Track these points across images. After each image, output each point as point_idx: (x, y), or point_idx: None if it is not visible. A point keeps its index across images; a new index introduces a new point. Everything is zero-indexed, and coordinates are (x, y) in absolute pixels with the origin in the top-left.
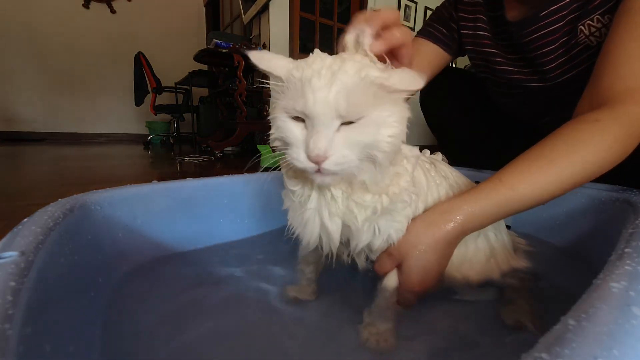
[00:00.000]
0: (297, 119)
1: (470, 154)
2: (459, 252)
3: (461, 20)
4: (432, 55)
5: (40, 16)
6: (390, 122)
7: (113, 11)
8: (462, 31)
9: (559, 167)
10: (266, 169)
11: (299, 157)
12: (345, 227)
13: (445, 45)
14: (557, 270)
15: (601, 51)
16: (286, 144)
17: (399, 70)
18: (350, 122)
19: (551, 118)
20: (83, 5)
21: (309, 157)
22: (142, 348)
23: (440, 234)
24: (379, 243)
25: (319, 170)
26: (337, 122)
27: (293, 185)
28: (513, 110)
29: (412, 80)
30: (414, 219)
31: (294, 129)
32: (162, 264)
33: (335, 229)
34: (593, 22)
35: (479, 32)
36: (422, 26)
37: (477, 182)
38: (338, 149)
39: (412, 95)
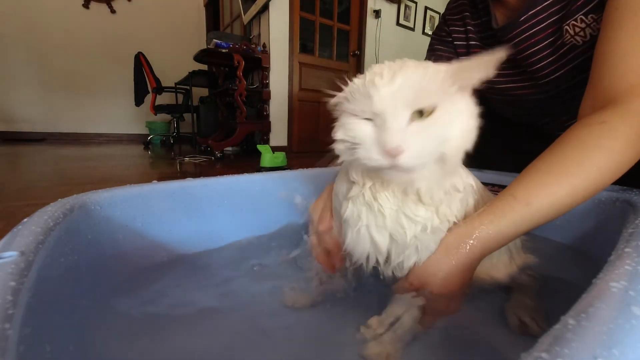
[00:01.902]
0: (366, 121)
1: (473, 156)
2: (486, 257)
3: (454, 33)
4: None
5: (40, 16)
6: (462, 114)
7: (113, 11)
8: (455, 42)
9: (573, 176)
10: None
11: (371, 154)
12: (392, 240)
13: (454, 59)
14: (557, 270)
15: (595, 52)
16: (355, 144)
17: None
18: (422, 118)
19: (551, 119)
20: (83, 5)
21: (385, 151)
22: (142, 348)
23: (459, 260)
24: (414, 259)
25: (393, 166)
26: (407, 113)
27: (344, 207)
28: (512, 115)
29: (488, 59)
30: None
31: (365, 127)
32: (162, 264)
33: (383, 242)
34: (577, 22)
35: (471, 43)
36: (426, 54)
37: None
38: (413, 141)
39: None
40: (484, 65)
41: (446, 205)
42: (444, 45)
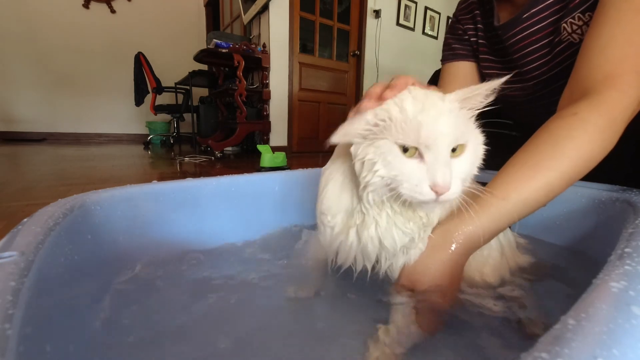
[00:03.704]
0: (408, 155)
1: None
2: (476, 254)
3: (468, 31)
4: (467, 71)
5: (40, 16)
6: (478, 144)
7: (113, 11)
8: (472, 39)
9: (546, 169)
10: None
11: (422, 190)
12: (381, 248)
13: (471, 57)
14: (557, 270)
15: (580, 48)
16: (399, 180)
17: (462, 90)
18: (456, 155)
19: (547, 117)
20: (83, 5)
21: (435, 189)
22: (142, 348)
23: (445, 257)
24: (402, 261)
25: (435, 201)
26: (450, 150)
27: (332, 216)
28: (511, 113)
29: (495, 83)
30: None
31: (411, 165)
32: (162, 263)
33: (373, 251)
34: (575, 20)
35: (480, 41)
36: (443, 54)
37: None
38: (455, 179)
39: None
40: (488, 92)
41: (432, 218)
42: (461, 44)
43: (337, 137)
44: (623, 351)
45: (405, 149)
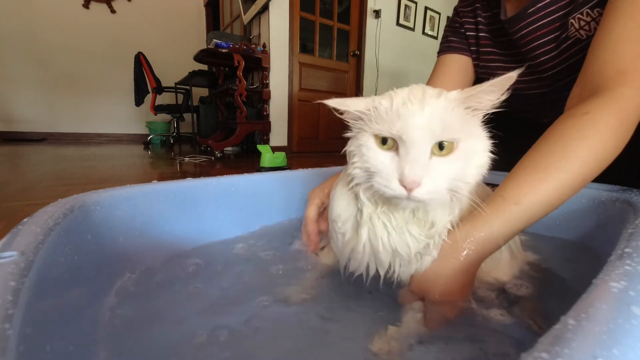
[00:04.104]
0: (385, 147)
1: None
2: (489, 257)
3: (466, 24)
4: (461, 65)
5: (40, 16)
6: (479, 150)
7: (113, 11)
8: (467, 33)
9: (558, 171)
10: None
11: (390, 184)
12: (394, 255)
13: (467, 51)
14: (557, 270)
15: (591, 44)
16: (372, 172)
17: (477, 86)
18: (442, 154)
19: (552, 113)
20: (83, 5)
21: (403, 183)
22: (142, 347)
23: (457, 265)
24: (414, 268)
25: (408, 197)
26: (429, 145)
27: (342, 223)
28: (515, 110)
29: (503, 79)
30: None
31: (383, 158)
32: (162, 263)
33: (386, 257)
34: (583, 15)
35: (480, 34)
36: (440, 45)
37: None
38: (430, 177)
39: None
40: (494, 89)
41: (443, 226)
42: (457, 37)
43: (333, 102)
44: (623, 351)
45: (384, 142)
